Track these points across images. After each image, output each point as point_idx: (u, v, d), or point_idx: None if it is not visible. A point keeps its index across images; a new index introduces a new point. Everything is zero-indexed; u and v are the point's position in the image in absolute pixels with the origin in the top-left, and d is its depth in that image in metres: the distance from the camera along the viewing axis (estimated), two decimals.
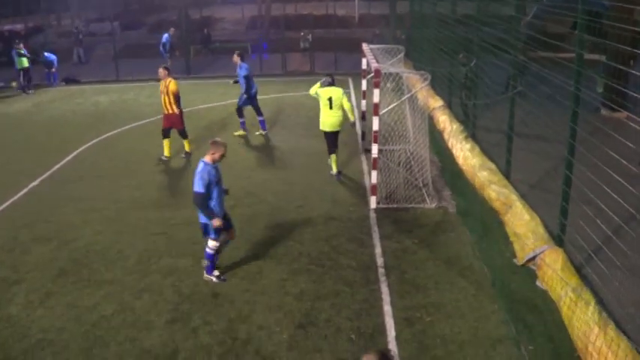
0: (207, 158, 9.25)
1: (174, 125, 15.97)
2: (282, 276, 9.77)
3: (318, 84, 14.22)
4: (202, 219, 9.45)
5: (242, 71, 17.44)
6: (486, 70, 15.06)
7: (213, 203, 9.30)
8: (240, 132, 18.23)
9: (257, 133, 18.22)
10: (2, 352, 8.14)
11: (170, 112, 15.74)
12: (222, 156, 9.33)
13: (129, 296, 9.38)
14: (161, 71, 15.76)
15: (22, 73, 27.44)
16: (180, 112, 15.89)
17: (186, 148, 16.30)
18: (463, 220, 11.66)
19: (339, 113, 14.06)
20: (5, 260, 10.80)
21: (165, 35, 30.82)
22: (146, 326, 8.57)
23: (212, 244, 9.56)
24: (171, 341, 8.20)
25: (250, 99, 17.81)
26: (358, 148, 16.47)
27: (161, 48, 30.61)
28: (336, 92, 14.01)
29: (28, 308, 9.15)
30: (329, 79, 14.23)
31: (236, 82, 17.89)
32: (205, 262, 9.75)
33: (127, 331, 8.46)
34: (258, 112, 18.10)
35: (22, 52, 27.35)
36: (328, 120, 14.11)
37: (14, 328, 8.64)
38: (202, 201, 9.16)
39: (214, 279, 9.70)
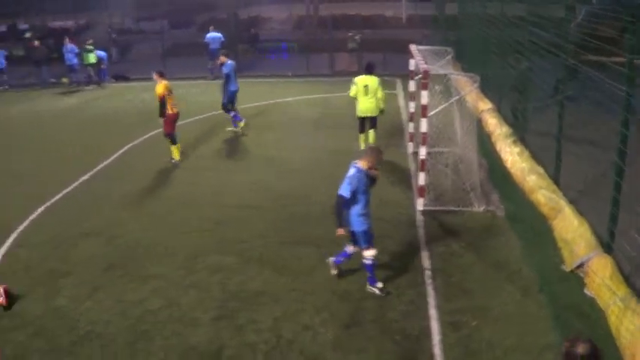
0: (362, 164, 8.81)
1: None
2: (329, 276, 9.72)
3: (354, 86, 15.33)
4: (354, 226, 8.99)
5: (224, 68, 18.20)
6: (538, 72, 14.82)
7: (359, 211, 8.89)
8: (240, 124, 18.68)
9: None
10: (52, 341, 8.31)
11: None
12: (379, 163, 9.00)
13: (175, 292, 9.49)
14: (154, 75, 15.66)
15: (90, 68, 29.05)
16: (168, 115, 15.64)
17: (174, 155, 16.05)
18: (511, 225, 11.48)
19: (374, 99, 15.26)
20: (54, 253, 11.03)
21: (220, 35, 30.03)
22: (192, 322, 8.66)
23: (369, 253, 9.10)
24: (217, 338, 8.27)
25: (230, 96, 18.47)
26: (406, 149, 16.36)
27: (218, 46, 29.10)
28: (371, 80, 15.35)
29: (76, 300, 9.34)
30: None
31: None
32: (367, 274, 9.29)
33: (173, 326, 8.56)
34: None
35: (91, 47, 28.83)
36: (364, 105, 15.39)
37: (63, 320, 8.83)
38: (340, 204, 8.72)
39: (377, 291, 9.20)
